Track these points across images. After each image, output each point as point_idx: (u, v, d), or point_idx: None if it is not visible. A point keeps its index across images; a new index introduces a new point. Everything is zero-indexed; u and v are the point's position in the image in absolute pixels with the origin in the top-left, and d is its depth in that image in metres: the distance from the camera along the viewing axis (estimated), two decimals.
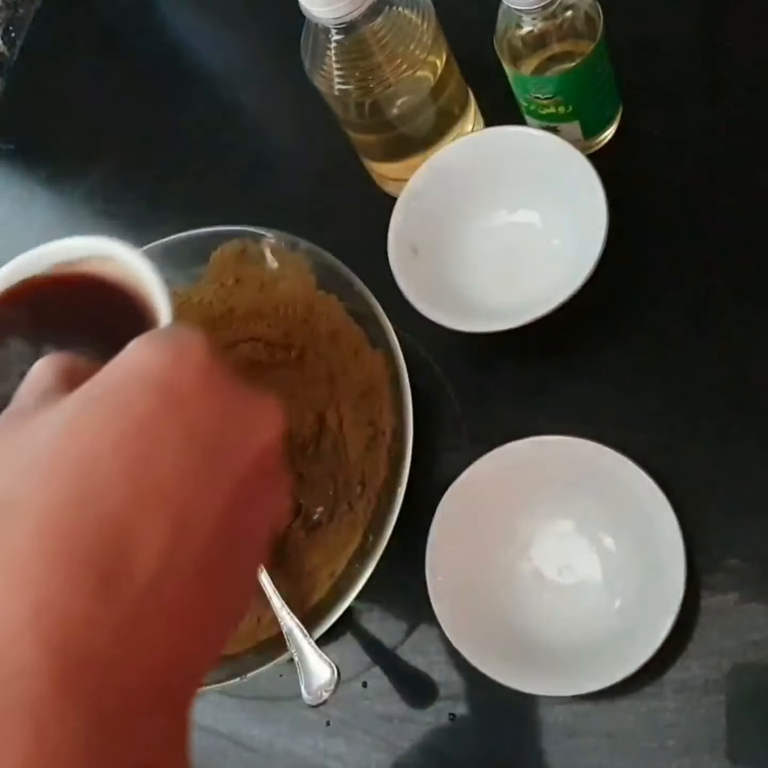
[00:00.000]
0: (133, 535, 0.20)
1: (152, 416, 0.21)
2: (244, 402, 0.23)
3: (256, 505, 0.23)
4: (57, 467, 0.20)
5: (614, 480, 0.39)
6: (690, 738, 0.37)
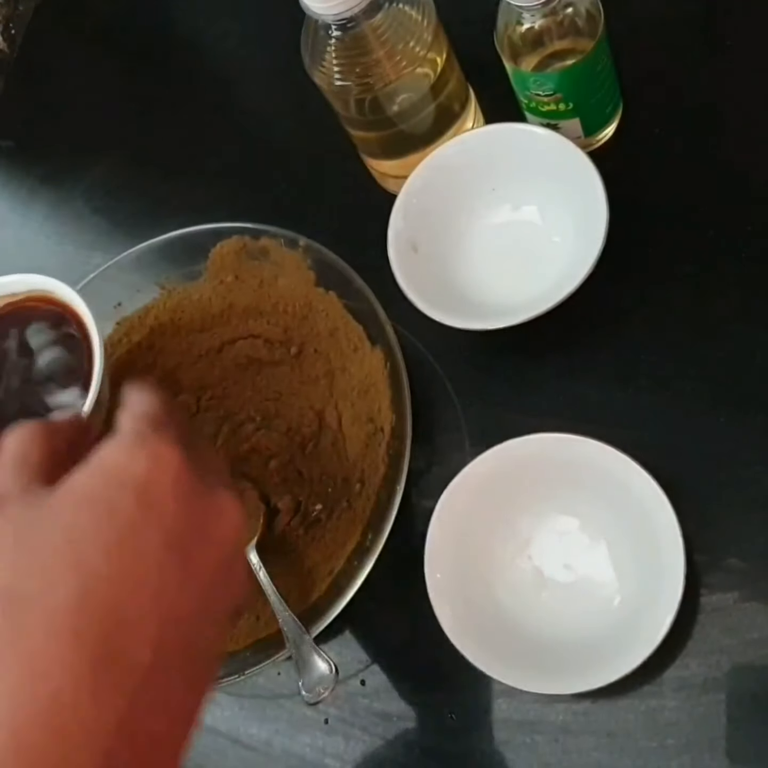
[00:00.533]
0: (129, 625, 0.24)
1: (134, 523, 0.25)
2: (209, 502, 0.27)
3: (221, 590, 0.27)
4: (61, 572, 0.24)
5: (614, 478, 0.39)
6: (689, 736, 0.37)
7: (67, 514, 0.25)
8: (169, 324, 0.50)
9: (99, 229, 0.59)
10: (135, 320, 0.51)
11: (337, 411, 0.47)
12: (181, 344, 0.51)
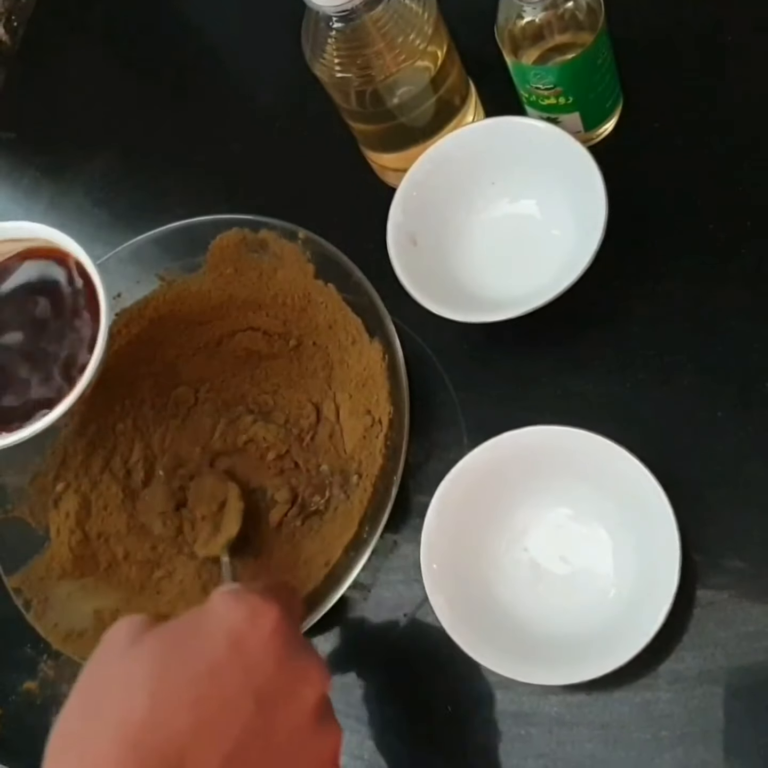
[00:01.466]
0: (189, 760, 0.25)
1: (221, 664, 0.27)
2: (297, 663, 0.29)
3: (300, 755, 0.28)
4: (142, 695, 0.26)
5: (611, 472, 0.39)
6: (683, 729, 0.37)
7: (163, 644, 0.28)
8: (169, 316, 0.50)
9: (99, 221, 0.59)
10: (134, 312, 0.51)
11: (335, 403, 0.47)
12: (180, 336, 0.51)
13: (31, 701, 0.49)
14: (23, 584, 0.46)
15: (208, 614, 0.29)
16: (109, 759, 0.25)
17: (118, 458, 0.49)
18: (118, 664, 0.28)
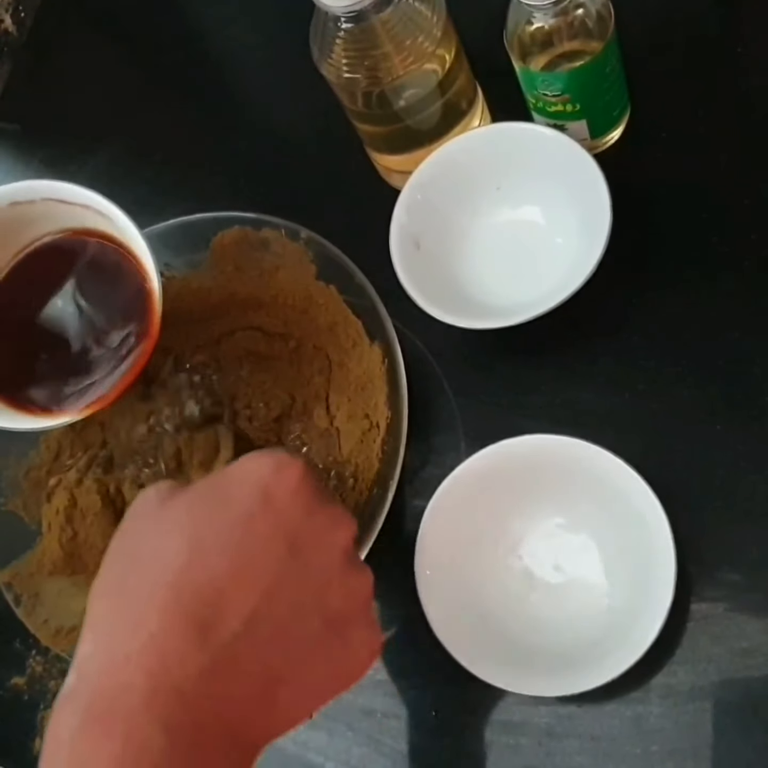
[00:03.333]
0: (226, 600, 0.27)
1: (251, 513, 0.28)
2: (324, 511, 0.30)
3: (333, 591, 0.29)
4: (180, 541, 0.28)
5: (607, 481, 0.39)
6: (674, 744, 0.37)
7: (193, 499, 0.29)
8: (168, 313, 0.50)
9: None
10: None
11: (334, 406, 0.47)
12: (179, 333, 0.50)
13: (19, 696, 0.49)
14: (14, 579, 0.46)
15: (236, 469, 0.30)
16: (151, 601, 0.26)
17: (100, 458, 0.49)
18: (152, 519, 0.29)
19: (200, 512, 0.29)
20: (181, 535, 0.28)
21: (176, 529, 0.28)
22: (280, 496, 0.29)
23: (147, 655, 0.26)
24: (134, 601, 0.27)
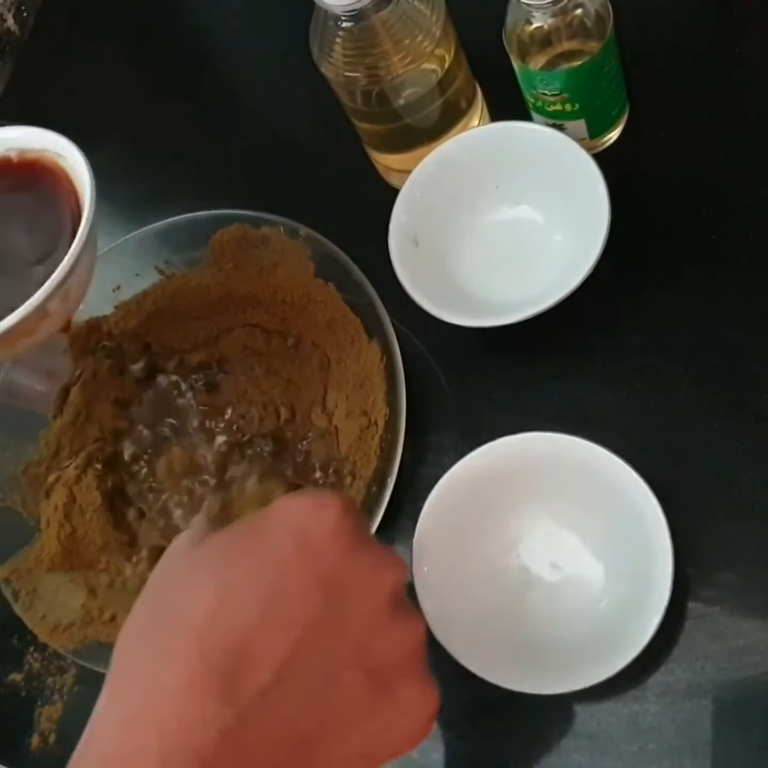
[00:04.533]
0: (254, 650, 0.24)
1: (286, 556, 0.26)
2: (366, 553, 0.28)
3: (377, 641, 0.26)
4: (209, 587, 0.26)
5: (606, 480, 0.39)
6: (671, 742, 0.37)
7: (226, 542, 0.27)
8: (167, 310, 0.50)
9: (100, 213, 0.57)
10: (133, 305, 0.51)
11: (332, 403, 0.47)
12: (177, 330, 0.51)
13: (16, 693, 0.49)
14: (12, 575, 0.46)
15: (271, 513, 0.28)
16: (175, 651, 0.24)
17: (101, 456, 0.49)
18: (183, 565, 0.28)
19: (232, 555, 0.27)
20: (211, 581, 0.26)
21: (206, 574, 0.26)
22: (318, 537, 0.27)
23: (164, 712, 0.23)
24: (156, 652, 0.25)
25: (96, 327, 0.51)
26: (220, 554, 0.27)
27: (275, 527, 0.27)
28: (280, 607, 0.25)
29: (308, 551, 0.26)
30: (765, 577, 0.38)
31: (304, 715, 0.24)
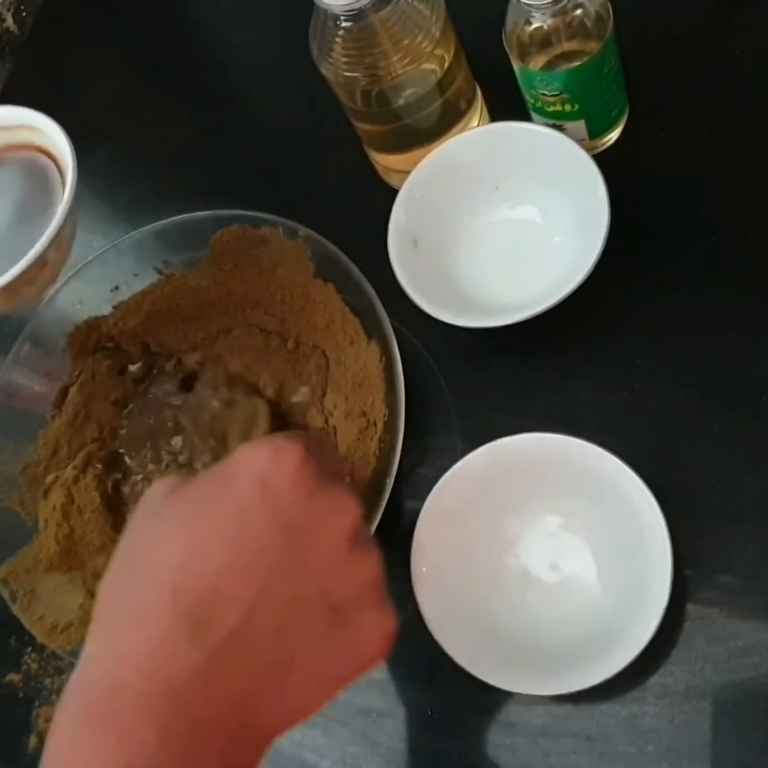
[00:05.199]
0: (221, 596, 0.26)
1: (248, 504, 0.28)
2: (325, 495, 0.29)
3: (337, 577, 0.28)
4: (175, 537, 0.28)
5: (604, 481, 0.39)
6: (670, 743, 0.37)
7: (192, 492, 0.29)
8: (166, 310, 0.50)
9: (99, 213, 0.59)
10: (132, 305, 0.50)
11: (331, 403, 0.47)
12: (176, 331, 0.50)
13: (14, 693, 0.48)
14: (10, 575, 0.46)
15: (233, 463, 0.29)
16: (149, 600, 0.26)
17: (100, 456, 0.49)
18: (154, 519, 0.29)
19: (198, 509, 0.28)
20: (180, 532, 0.28)
21: (175, 525, 0.28)
22: (278, 484, 0.28)
23: (141, 655, 0.26)
24: (134, 601, 0.27)
25: (95, 327, 0.51)
26: (187, 505, 0.29)
27: (237, 475, 0.29)
28: (243, 553, 0.27)
29: (269, 497, 0.28)
30: (764, 578, 0.38)
31: (272, 650, 0.26)
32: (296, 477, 0.28)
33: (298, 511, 0.28)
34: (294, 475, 0.28)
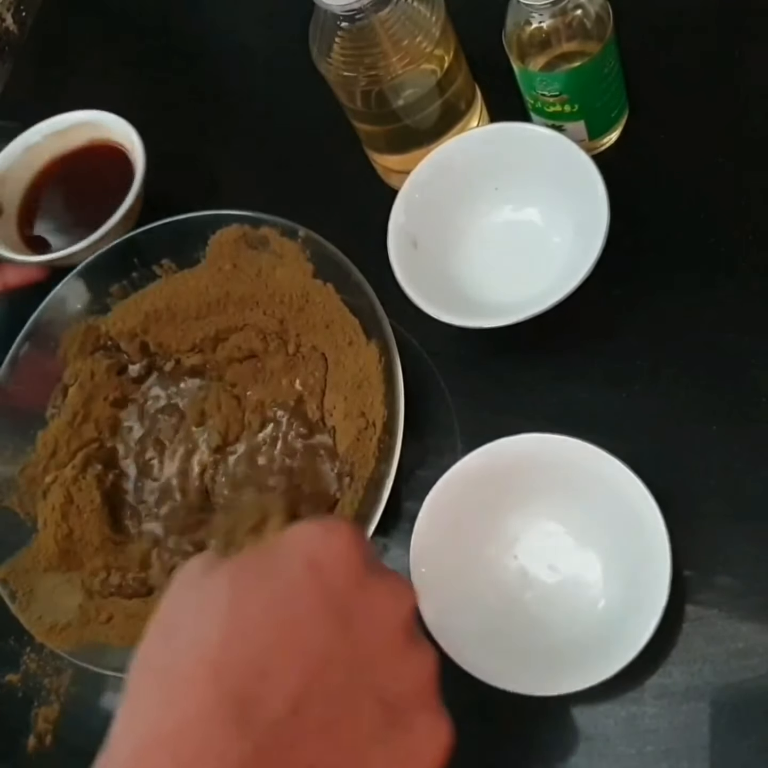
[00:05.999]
0: (269, 679, 0.24)
1: (298, 583, 0.26)
2: (378, 581, 0.27)
3: (390, 671, 0.26)
4: (219, 616, 0.26)
5: (604, 482, 0.39)
6: (669, 744, 0.37)
7: (238, 570, 0.27)
8: (165, 310, 0.50)
9: None
10: (131, 305, 0.50)
11: (330, 404, 0.47)
12: (176, 331, 0.50)
13: (13, 693, 0.48)
14: (9, 575, 0.46)
15: (282, 541, 0.28)
16: (188, 677, 0.25)
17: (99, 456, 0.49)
18: (194, 592, 0.27)
19: (243, 584, 0.26)
20: (223, 608, 0.26)
21: (217, 601, 0.26)
22: (329, 563, 0.26)
23: (180, 740, 0.23)
24: (171, 678, 0.25)
25: (94, 327, 0.51)
26: (230, 583, 0.27)
27: (286, 554, 0.27)
28: (292, 636, 0.25)
29: (320, 577, 0.26)
30: (763, 580, 0.38)
31: (318, 746, 0.24)
32: (347, 557, 0.27)
33: (350, 593, 0.26)
34: (345, 555, 0.27)
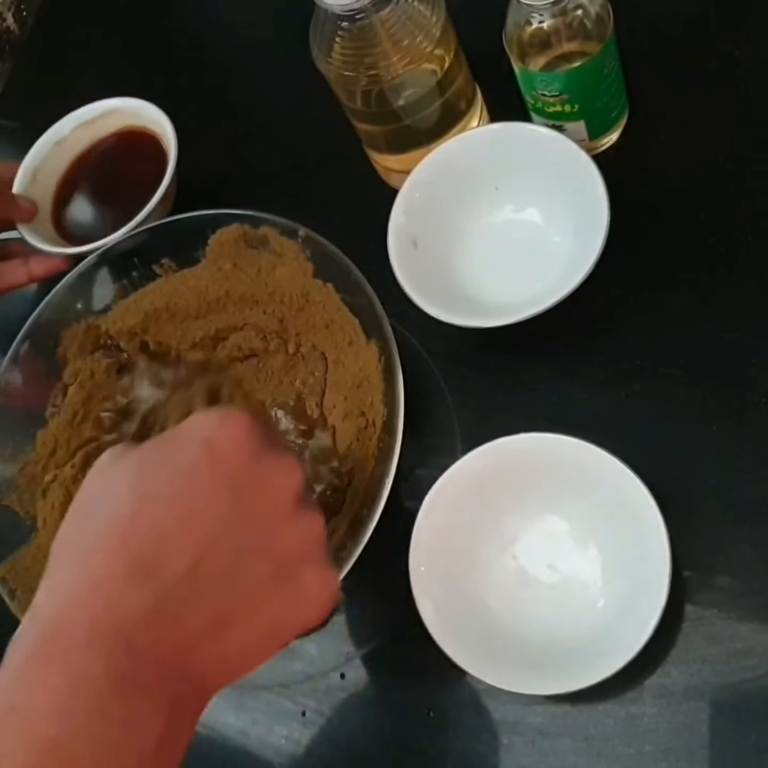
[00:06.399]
0: (169, 546, 0.28)
1: (195, 464, 0.29)
2: (269, 459, 0.30)
3: (281, 534, 0.30)
4: (128, 494, 0.29)
5: (604, 482, 0.39)
6: (668, 744, 0.37)
7: (141, 455, 0.30)
8: (165, 309, 0.50)
9: None
10: (131, 304, 0.50)
11: (330, 403, 0.47)
12: (175, 330, 0.50)
13: None
14: (8, 574, 0.46)
15: (182, 427, 0.31)
16: (101, 547, 0.28)
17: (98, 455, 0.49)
18: (104, 478, 0.31)
19: (147, 466, 0.30)
20: (129, 488, 0.29)
21: (125, 483, 0.30)
22: (224, 446, 0.29)
23: (92, 596, 0.27)
24: (85, 550, 0.28)
25: (94, 326, 0.51)
26: (136, 463, 0.30)
27: (185, 439, 0.30)
28: (191, 508, 0.28)
29: (215, 458, 0.29)
30: (762, 580, 0.38)
31: (216, 597, 0.28)
32: (242, 441, 0.30)
33: (243, 470, 0.29)
34: (240, 439, 0.30)
